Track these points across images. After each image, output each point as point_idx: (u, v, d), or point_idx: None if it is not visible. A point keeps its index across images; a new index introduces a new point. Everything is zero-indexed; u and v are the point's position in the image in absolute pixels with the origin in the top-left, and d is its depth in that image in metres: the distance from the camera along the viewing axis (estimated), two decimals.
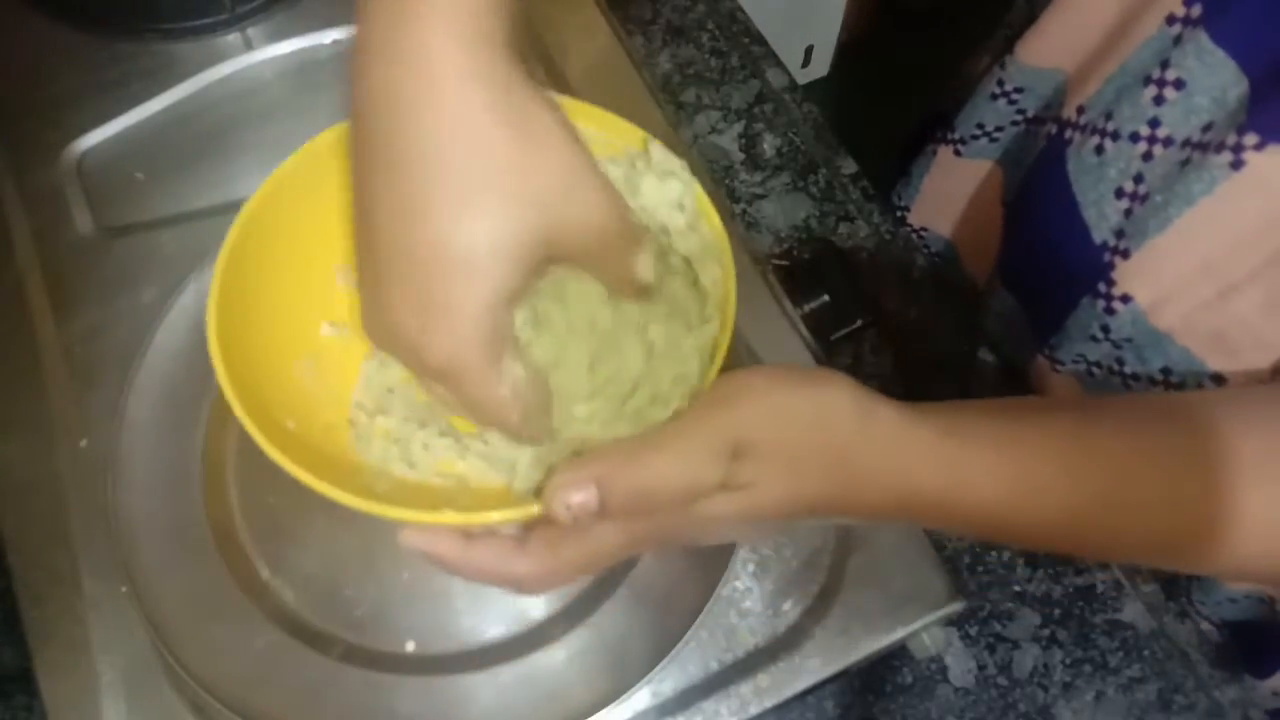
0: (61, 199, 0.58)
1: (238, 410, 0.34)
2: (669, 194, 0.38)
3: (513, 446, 0.39)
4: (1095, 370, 0.54)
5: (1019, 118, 0.60)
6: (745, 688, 0.46)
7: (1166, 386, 0.50)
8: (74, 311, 0.54)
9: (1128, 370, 0.52)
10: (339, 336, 0.42)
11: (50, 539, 0.48)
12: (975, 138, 0.63)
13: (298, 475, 0.34)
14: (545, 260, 0.32)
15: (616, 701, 0.44)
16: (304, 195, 0.40)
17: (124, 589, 0.46)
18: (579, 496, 0.31)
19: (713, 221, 0.38)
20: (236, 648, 0.45)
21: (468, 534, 0.34)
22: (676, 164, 0.38)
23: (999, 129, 0.61)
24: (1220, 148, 0.43)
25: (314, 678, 0.45)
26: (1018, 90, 0.58)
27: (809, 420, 0.33)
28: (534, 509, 0.33)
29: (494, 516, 0.33)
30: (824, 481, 0.34)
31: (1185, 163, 0.45)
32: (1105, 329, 0.51)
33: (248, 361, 0.37)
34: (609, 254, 0.34)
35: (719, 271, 0.37)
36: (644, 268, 0.35)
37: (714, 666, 0.47)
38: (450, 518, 0.33)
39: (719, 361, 0.35)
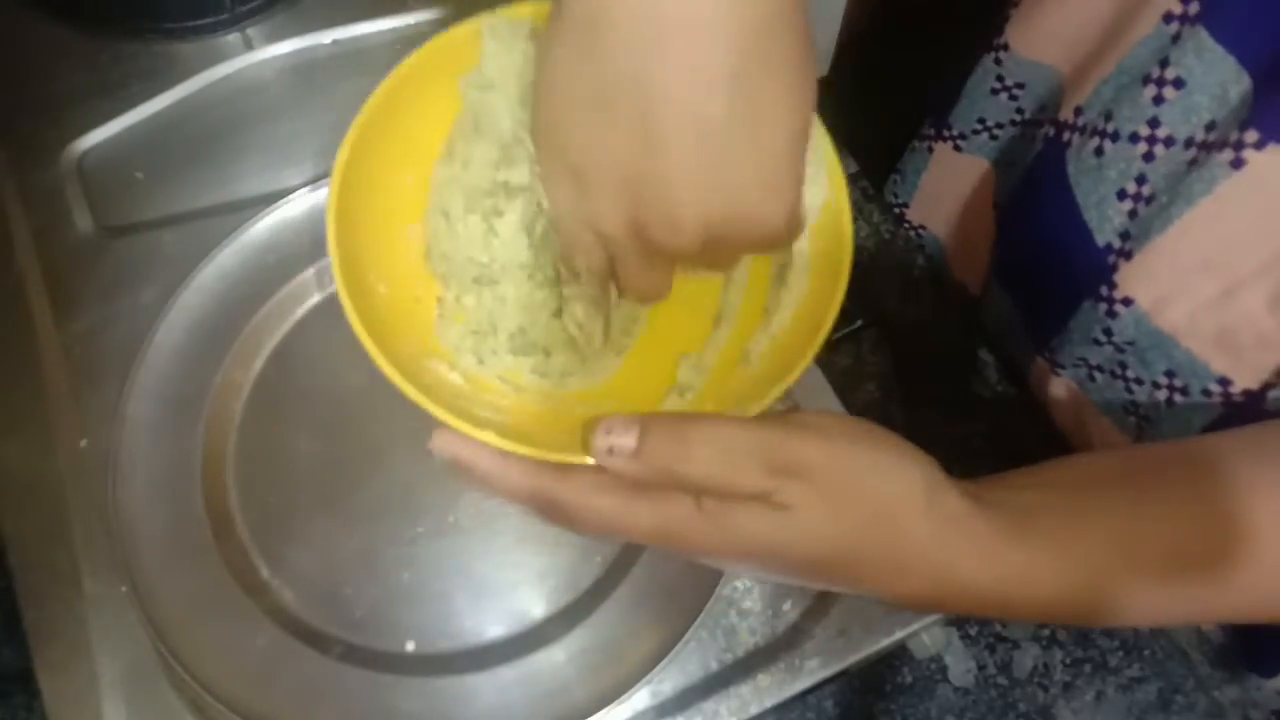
0: (61, 199, 0.58)
1: (336, 269, 0.35)
2: None
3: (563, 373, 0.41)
4: (1096, 374, 0.54)
5: (1017, 117, 0.60)
6: (745, 688, 0.46)
7: (1170, 390, 0.50)
8: (74, 311, 0.54)
9: (1130, 374, 0.51)
10: None
11: (50, 539, 0.48)
12: (976, 133, 0.62)
13: (365, 341, 0.34)
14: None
15: (616, 701, 0.44)
16: (450, 75, 0.40)
17: (124, 589, 0.46)
18: (619, 434, 0.32)
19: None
20: (236, 648, 0.45)
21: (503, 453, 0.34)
22: None
23: (999, 125, 0.61)
24: (1222, 146, 0.43)
25: (314, 678, 0.45)
26: (1018, 86, 0.58)
27: (873, 479, 0.32)
28: (572, 457, 0.33)
29: (533, 453, 0.33)
30: (866, 541, 0.32)
31: (1192, 163, 0.45)
32: (1107, 332, 0.50)
33: (361, 218, 0.37)
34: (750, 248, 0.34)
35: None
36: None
37: (714, 666, 0.47)
38: (490, 438, 0.33)
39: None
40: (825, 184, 0.38)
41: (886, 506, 0.32)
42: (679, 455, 0.32)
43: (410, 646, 0.47)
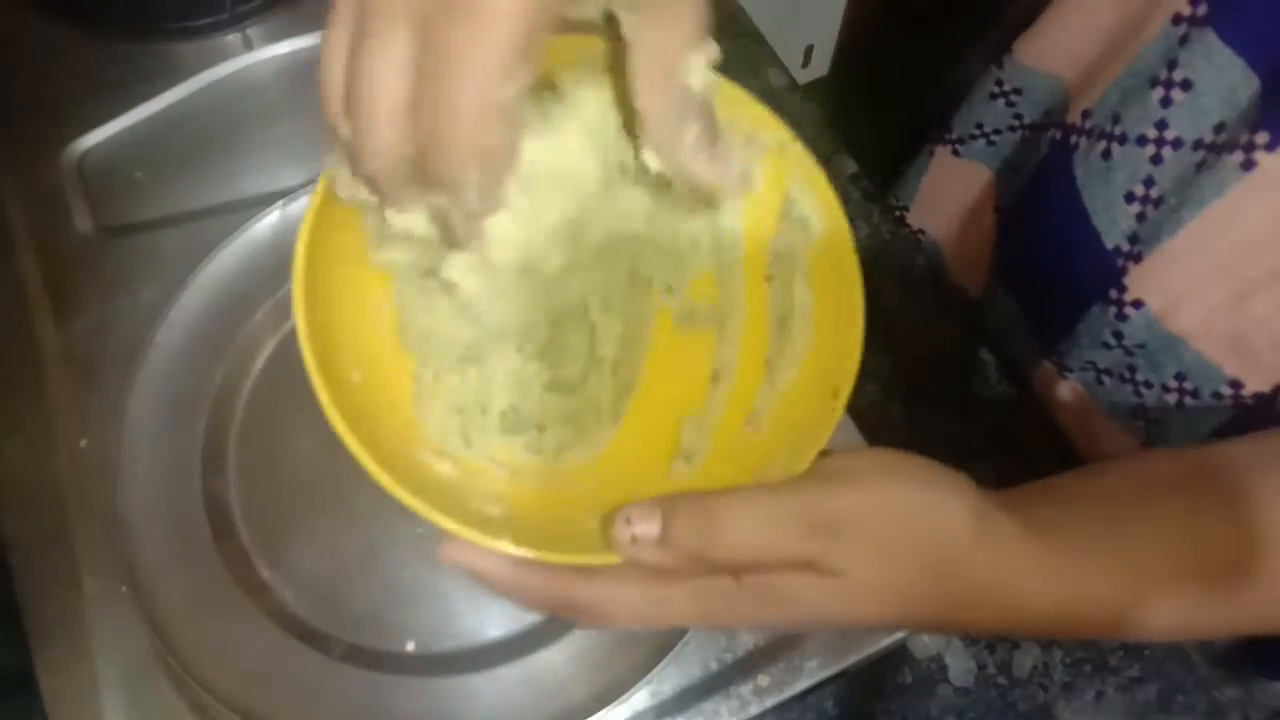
0: (61, 199, 0.58)
1: (311, 368, 0.31)
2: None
3: (561, 451, 0.38)
4: (1105, 377, 0.53)
5: (1016, 122, 0.60)
6: (745, 688, 0.46)
7: (1180, 393, 0.50)
8: (74, 311, 0.54)
9: (1139, 377, 0.51)
10: None
11: (50, 539, 0.48)
12: (974, 138, 0.63)
13: (352, 449, 0.32)
14: None
15: (616, 701, 0.44)
16: None
17: (124, 589, 0.46)
18: (641, 522, 0.30)
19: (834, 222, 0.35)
20: (236, 647, 0.45)
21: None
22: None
23: (996, 131, 0.61)
24: (1232, 148, 0.43)
25: (314, 678, 0.45)
26: (1016, 92, 0.58)
27: (919, 519, 0.31)
28: (595, 558, 0.31)
29: (552, 557, 0.30)
30: (925, 585, 0.31)
31: (1201, 165, 0.45)
32: (1117, 335, 0.50)
33: (328, 297, 0.33)
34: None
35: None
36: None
37: (714, 666, 0.47)
38: (506, 547, 0.30)
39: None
40: (820, 215, 0.35)
41: (938, 546, 0.31)
42: (708, 535, 0.29)
43: (410, 646, 0.47)
